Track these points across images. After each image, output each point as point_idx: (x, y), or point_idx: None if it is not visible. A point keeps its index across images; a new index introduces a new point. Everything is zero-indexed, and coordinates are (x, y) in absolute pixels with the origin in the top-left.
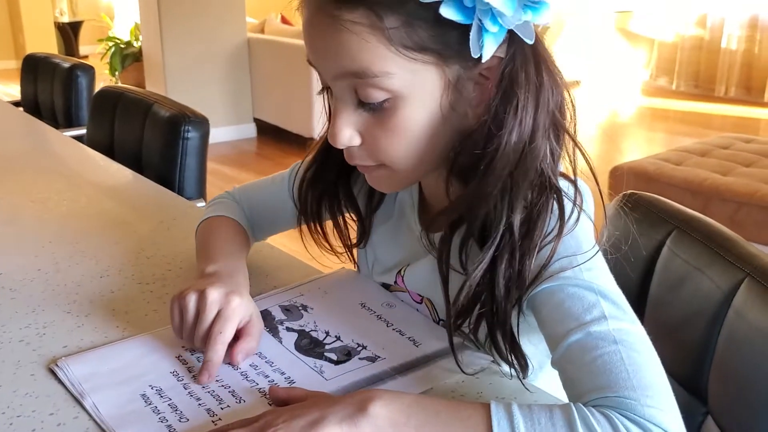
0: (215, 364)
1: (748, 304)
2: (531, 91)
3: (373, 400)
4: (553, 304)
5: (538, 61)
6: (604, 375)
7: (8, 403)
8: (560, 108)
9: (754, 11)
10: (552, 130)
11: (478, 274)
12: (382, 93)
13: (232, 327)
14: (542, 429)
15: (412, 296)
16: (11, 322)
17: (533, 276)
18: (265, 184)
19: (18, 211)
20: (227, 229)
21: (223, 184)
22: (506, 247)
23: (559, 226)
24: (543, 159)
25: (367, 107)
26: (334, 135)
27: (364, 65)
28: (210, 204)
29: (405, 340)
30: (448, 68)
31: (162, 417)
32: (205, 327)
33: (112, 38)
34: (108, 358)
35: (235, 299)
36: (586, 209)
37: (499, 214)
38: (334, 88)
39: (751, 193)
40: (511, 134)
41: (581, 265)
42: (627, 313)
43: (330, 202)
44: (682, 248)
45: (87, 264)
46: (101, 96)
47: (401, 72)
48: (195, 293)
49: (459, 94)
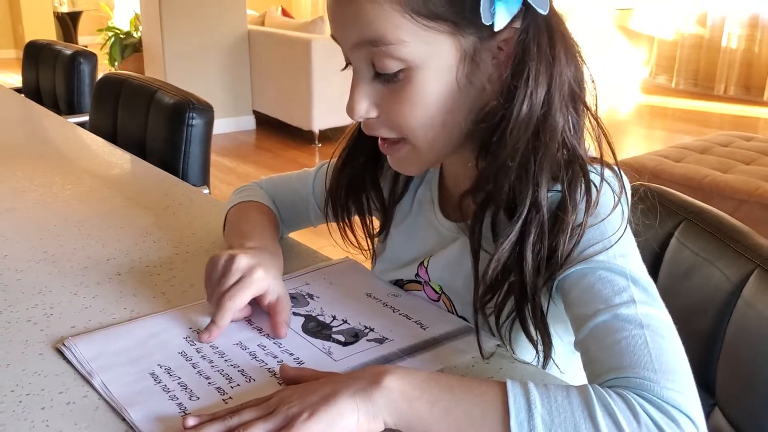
0: (218, 327)
1: (758, 294)
2: (543, 62)
3: (387, 374)
4: (583, 286)
5: (551, 33)
6: (626, 356)
7: (17, 381)
8: (578, 81)
9: (755, 10)
10: (570, 103)
11: (507, 247)
12: (397, 62)
13: (245, 297)
14: (559, 407)
15: (428, 294)
16: (18, 303)
17: (565, 257)
18: (291, 180)
19: (22, 195)
20: (262, 214)
21: (223, 175)
22: (534, 221)
23: (587, 204)
24: (565, 133)
25: (383, 78)
26: (351, 107)
27: (379, 33)
28: (239, 190)
29: (412, 323)
30: (464, 38)
31: (172, 395)
32: (221, 290)
33: (111, 28)
34: (115, 338)
35: (259, 271)
36: (623, 198)
37: (525, 187)
38: (352, 59)
39: (751, 191)
40: (522, 105)
41: (615, 250)
42: (656, 300)
43: (356, 190)
44: (691, 239)
45: (93, 247)
46: (104, 83)
47: (416, 41)
48: (227, 255)
49: (476, 66)
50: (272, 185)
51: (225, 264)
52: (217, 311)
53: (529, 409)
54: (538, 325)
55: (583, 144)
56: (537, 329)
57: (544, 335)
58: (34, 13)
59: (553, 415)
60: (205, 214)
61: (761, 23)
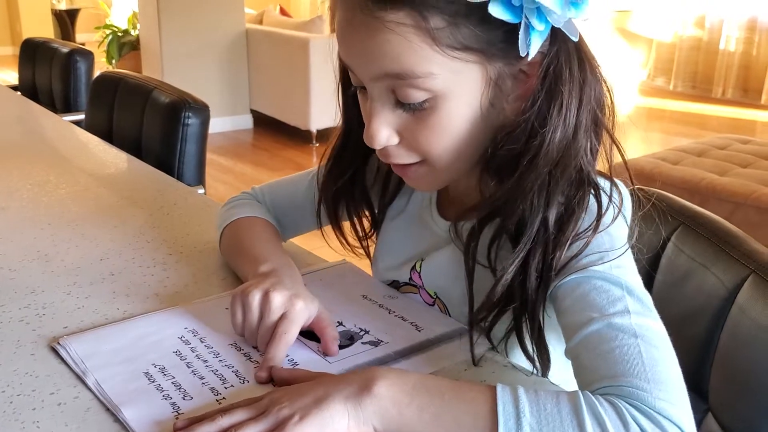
0: (278, 363)
1: (752, 301)
2: (575, 87)
3: (378, 380)
4: (577, 295)
5: (581, 57)
6: (619, 365)
7: (8, 381)
8: (600, 104)
9: (753, 13)
10: (593, 127)
11: (512, 270)
12: (424, 93)
13: (297, 328)
14: (548, 414)
15: (424, 298)
16: (11, 302)
17: (561, 267)
18: (288, 184)
19: (16, 193)
20: (263, 229)
21: (219, 175)
22: (540, 241)
23: (596, 222)
24: (583, 155)
25: (406, 107)
26: (371, 136)
27: (407, 67)
28: (230, 204)
29: (407, 325)
30: (491, 66)
31: (166, 395)
32: (268, 328)
33: (109, 26)
34: (109, 337)
35: (299, 303)
36: (624, 211)
37: (536, 210)
38: (372, 89)
39: (748, 194)
40: (556, 131)
41: (611, 262)
42: (651, 311)
43: (344, 195)
44: (688, 244)
45: (86, 247)
46: (100, 81)
47: (444, 72)
48: (259, 293)
49: (499, 90)
50: (269, 193)
51: (261, 304)
52: (273, 347)
53: (517, 417)
54: (536, 342)
55: (595, 165)
56: (534, 346)
57: (541, 351)
58: (32, 10)
59: (541, 424)
60: (199, 215)
61: (759, 26)
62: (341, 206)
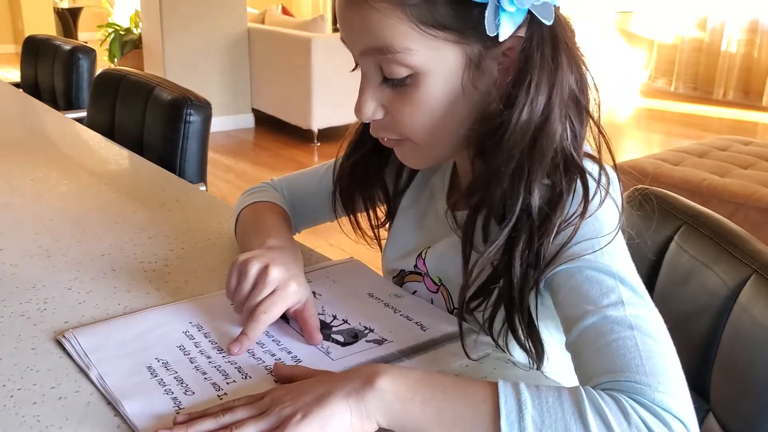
0: (250, 340)
1: (754, 300)
2: (546, 71)
3: (380, 375)
4: (570, 287)
5: (555, 42)
6: (617, 359)
7: (9, 376)
8: (583, 90)
9: (755, 15)
10: (574, 112)
11: (492, 251)
12: (405, 69)
13: (279, 310)
14: (549, 408)
15: (428, 285)
16: (12, 297)
17: (551, 256)
18: (304, 175)
19: (18, 190)
20: (278, 214)
21: (221, 174)
22: (524, 228)
23: (583, 207)
24: (563, 140)
25: (390, 83)
26: (359, 108)
27: (386, 42)
28: (251, 191)
29: (412, 325)
30: (469, 47)
31: (168, 389)
32: (254, 302)
33: (111, 24)
34: (115, 330)
35: (293, 285)
36: (612, 194)
37: (516, 194)
38: (361, 64)
39: (749, 195)
40: (521, 113)
41: (602, 249)
42: (645, 300)
43: (361, 183)
44: (690, 243)
45: (88, 242)
46: (102, 78)
47: (422, 49)
48: (259, 264)
49: (481, 73)
50: (287, 183)
51: (258, 274)
52: (250, 323)
53: (519, 410)
54: (529, 333)
55: (581, 151)
56: (528, 337)
57: (535, 343)
58: (34, 8)
59: (543, 417)
60: (200, 212)
61: (761, 28)
62: (357, 194)
